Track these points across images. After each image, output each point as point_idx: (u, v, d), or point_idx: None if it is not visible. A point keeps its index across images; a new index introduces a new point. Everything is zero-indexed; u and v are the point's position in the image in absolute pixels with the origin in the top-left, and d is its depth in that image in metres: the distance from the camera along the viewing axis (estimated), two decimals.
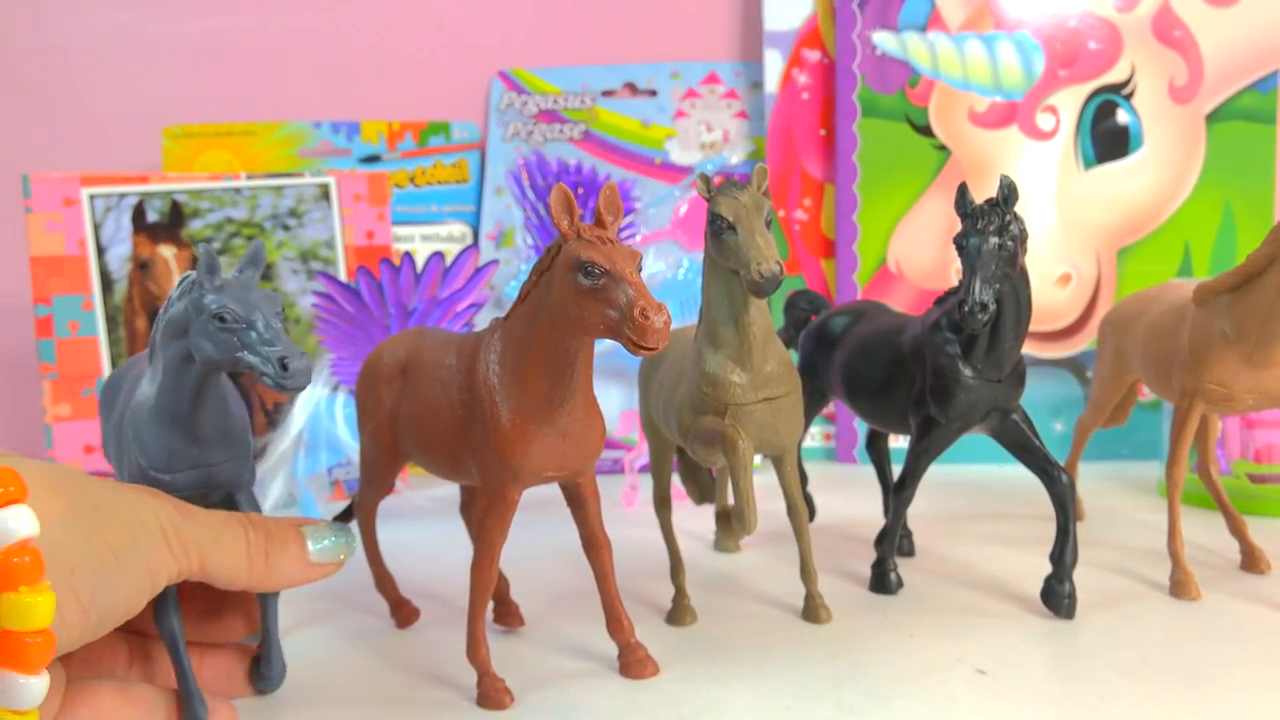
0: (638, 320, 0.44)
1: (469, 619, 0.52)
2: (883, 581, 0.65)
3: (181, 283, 0.47)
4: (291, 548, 0.45)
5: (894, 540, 0.66)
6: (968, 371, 0.60)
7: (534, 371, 0.49)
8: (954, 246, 0.58)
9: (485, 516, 0.51)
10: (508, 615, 0.61)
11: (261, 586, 0.45)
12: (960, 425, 0.62)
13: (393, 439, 0.57)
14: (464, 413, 0.52)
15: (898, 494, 0.65)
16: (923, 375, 0.62)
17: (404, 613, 0.62)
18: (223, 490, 0.49)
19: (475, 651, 0.51)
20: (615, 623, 0.54)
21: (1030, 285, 0.59)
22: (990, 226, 0.56)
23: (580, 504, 0.54)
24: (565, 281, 0.46)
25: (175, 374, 0.46)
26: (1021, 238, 0.57)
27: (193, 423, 0.47)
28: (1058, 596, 0.59)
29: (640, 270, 0.47)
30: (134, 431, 0.48)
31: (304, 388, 0.45)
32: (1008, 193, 0.56)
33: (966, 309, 0.55)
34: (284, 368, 0.43)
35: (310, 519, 0.47)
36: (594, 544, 0.54)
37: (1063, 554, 0.60)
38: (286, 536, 0.46)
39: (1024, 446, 0.62)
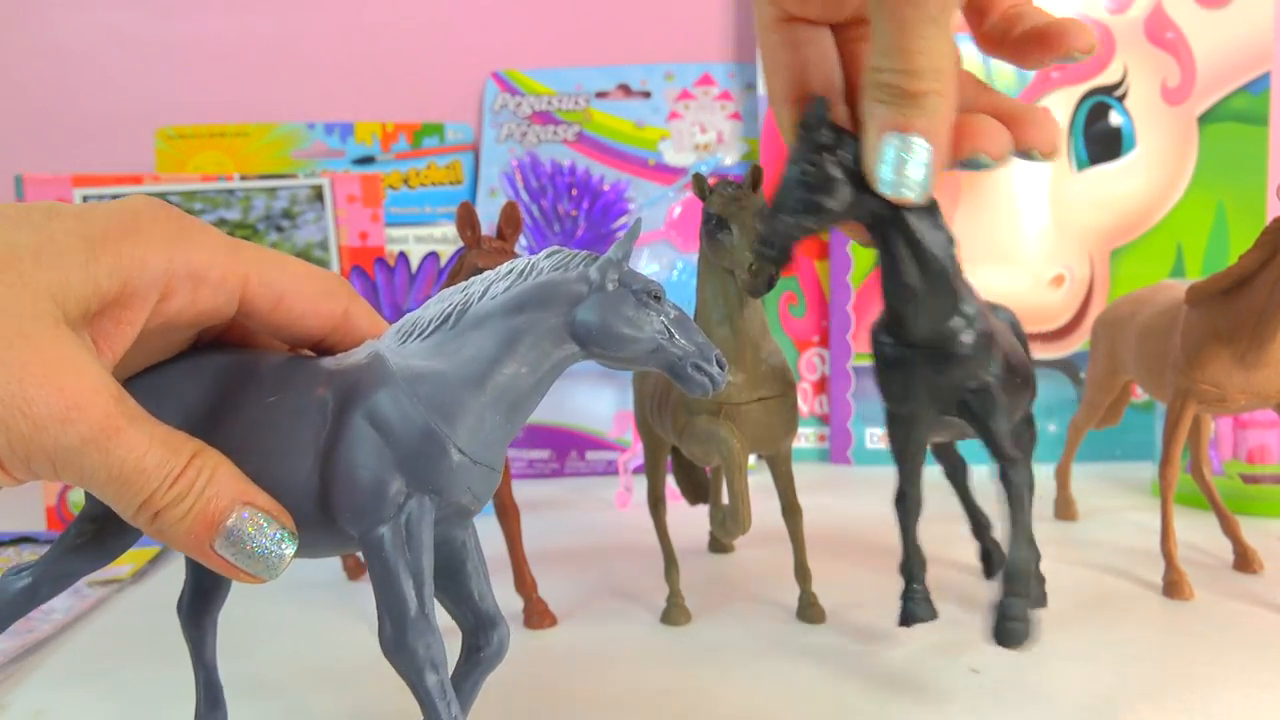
0: None
1: None
2: (904, 612, 0.54)
3: None
4: (200, 506, 0.32)
5: (911, 564, 0.54)
6: (885, 342, 0.50)
7: None
8: None
9: None
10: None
11: (144, 528, 0.33)
12: (897, 408, 0.51)
13: None
14: None
15: (896, 507, 0.55)
16: None
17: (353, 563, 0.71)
18: None
19: None
20: (520, 580, 0.62)
21: (929, 232, 0.46)
22: (798, 153, 0.44)
23: None
24: None
25: None
26: (850, 168, 0.44)
27: None
28: (999, 618, 0.47)
29: None
30: None
31: None
32: (817, 108, 0.44)
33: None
34: None
35: (268, 502, 0.34)
36: (504, 512, 0.62)
37: (1006, 564, 0.48)
38: (213, 488, 0.32)
39: (981, 433, 0.50)
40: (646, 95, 1.14)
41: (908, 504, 0.54)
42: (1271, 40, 1.03)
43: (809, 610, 0.61)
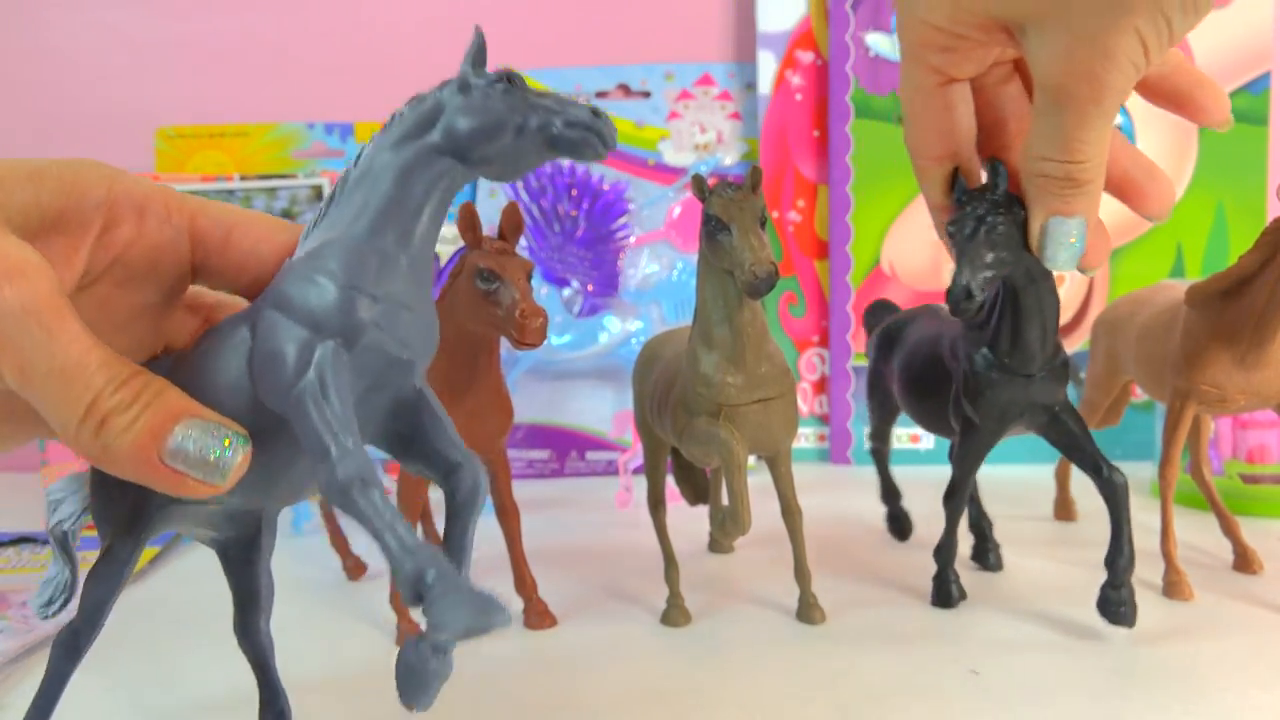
0: (518, 320, 0.53)
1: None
2: (942, 594, 0.63)
3: None
4: (147, 415, 0.31)
5: (951, 553, 0.63)
6: (995, 368, 0.58)
7: (441, 361, 0.54)
8: (945, 235, 0.53)
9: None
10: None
11: (80, 449, 0.32)
12: (996, 425, 0.59)
13: None
14: None
15: (947, 503, 0.63)
16: (960, 375, 0.61)
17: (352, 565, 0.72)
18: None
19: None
20: (520, 580, 0.63)
21: (1052, 275, 0.56)
22: (978, 210, 0.51)
23: (490, 477, 0.62)
24: (468, 284, 0.55)
25: None
26: (1022, 222, 0.51)
27: None
28: (1112, 604, 0.56)
29: (530, 279, 0.55)
30: None
31: None
32: (996, 177, 0.51)
33: (950, 298, 0.52)
34: None
35: (214, 414, 0.33)
36: (504, 512, 0.63)
37: (1115, 558, 0.56)
38: (157, 403, 0.32)
39: (1071, 446, 0.59)
40: (646, 95, 1.14)
41: (957, 502, 0.63)
42: (1271, 40, 1.03)
43: (809, 610, 0.61)
